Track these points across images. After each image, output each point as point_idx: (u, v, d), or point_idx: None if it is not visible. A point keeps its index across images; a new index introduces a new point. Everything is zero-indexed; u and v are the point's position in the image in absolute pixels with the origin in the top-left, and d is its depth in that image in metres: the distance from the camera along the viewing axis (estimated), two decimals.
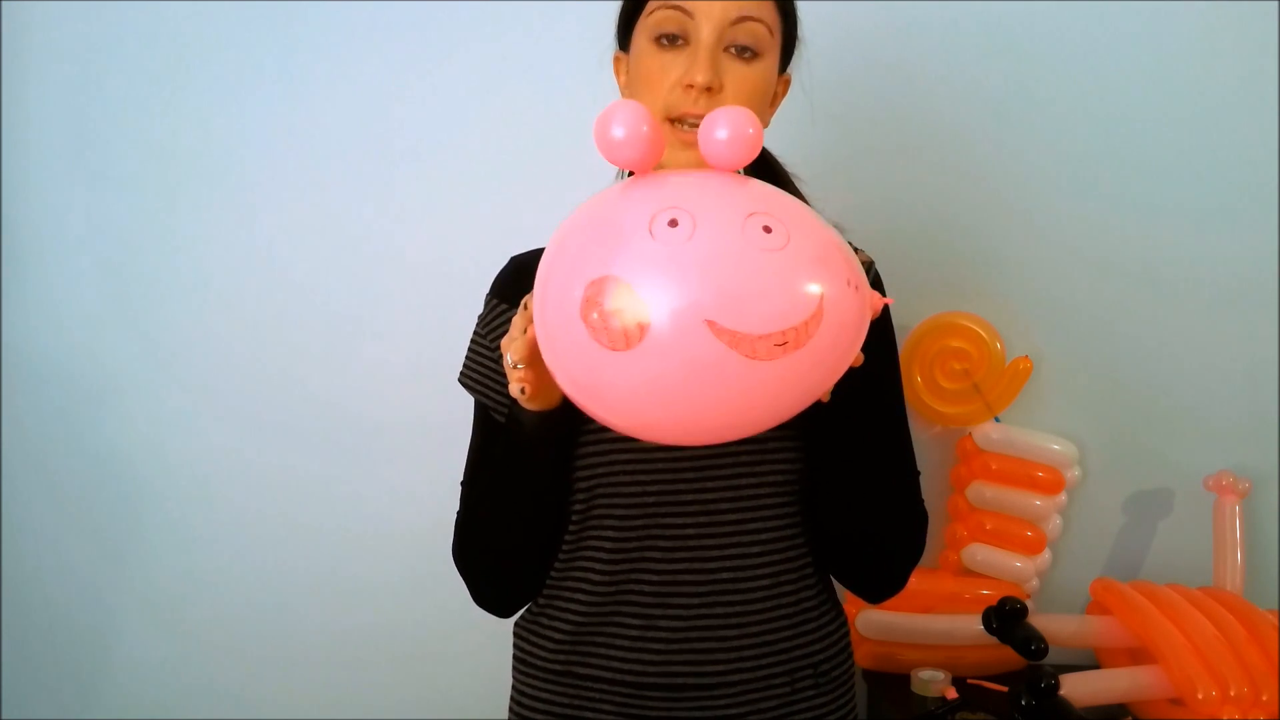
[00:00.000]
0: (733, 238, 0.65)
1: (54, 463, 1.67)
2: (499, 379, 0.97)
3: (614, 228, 0.68)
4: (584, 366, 0.68)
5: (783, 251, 0.66)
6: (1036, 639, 1.31)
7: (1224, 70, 1.56)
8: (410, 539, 1.68)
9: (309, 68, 1.57)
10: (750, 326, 0.64)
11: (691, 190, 0.69)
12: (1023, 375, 1.56)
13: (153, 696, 1.73)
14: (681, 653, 0.93)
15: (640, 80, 0.92)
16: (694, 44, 0.89)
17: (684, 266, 0.64)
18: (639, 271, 0.65)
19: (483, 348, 1.00)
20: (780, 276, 0.65)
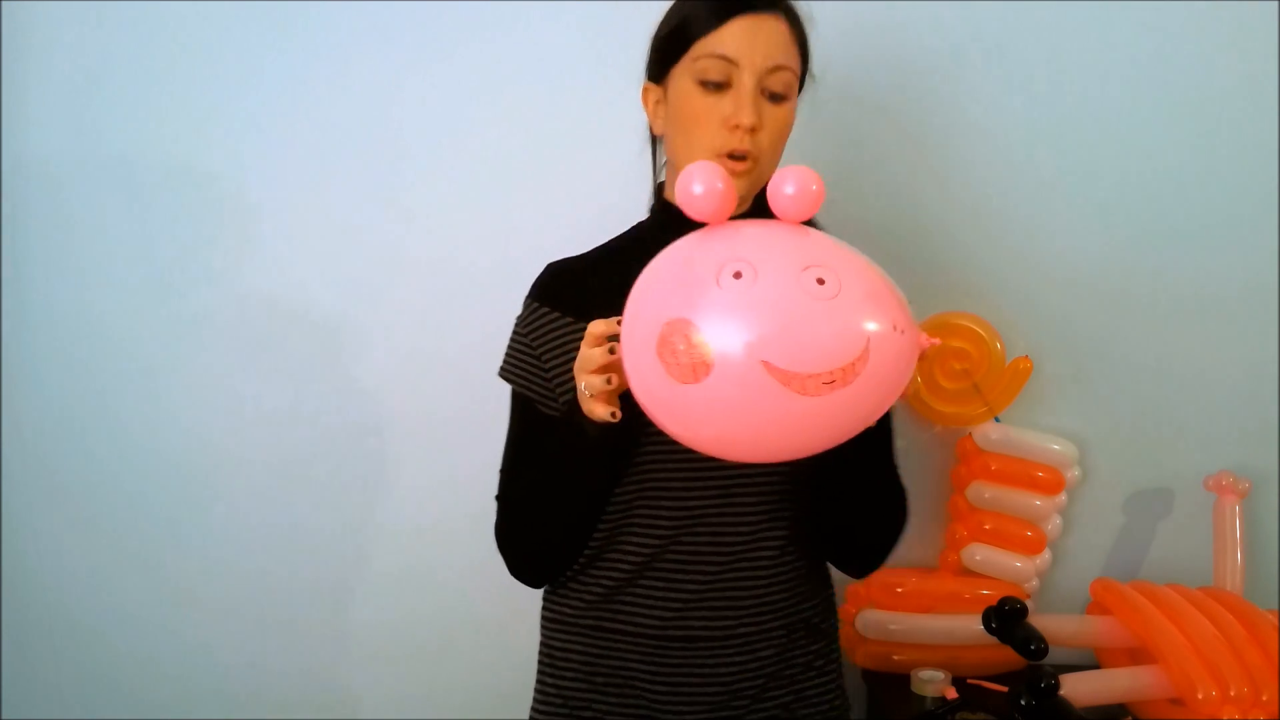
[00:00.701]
0: (788, 288, 0.76)
1: (54, 462, 1.68)
2: (542, 375, 1.10)
3: (688, 276, 0.79)
4: (661, 395, 0.80)
5: (834, 300, 0.76)
6: (1036, 639, 1.31)
7: (1224, 71, 1.56)
8: (413, 537, 1.69)
9: (310, 67, 1.57)
10: (801, 366, 0.75)
11: (756, 244, 0.80)
12: (1023, 375, 1.56)
13: (153, 697, 1.73)
14: (699, 610, 1.08)
15: (686, 118, 1.04)
16: (736, 89, 1.02)
17: (744, 313, 0.76)
18: (705, 317, 0.76)
19: (524, 346, 1.12)
20: (830, 322, 0.76)
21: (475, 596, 1.68)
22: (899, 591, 1.58)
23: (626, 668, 1.10)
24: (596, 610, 1.11)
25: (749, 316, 0.76)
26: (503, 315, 1.58)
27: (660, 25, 1.09)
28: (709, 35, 1.02)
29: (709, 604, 1.08)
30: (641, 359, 0.80)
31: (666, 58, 1.05)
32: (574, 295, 1.10)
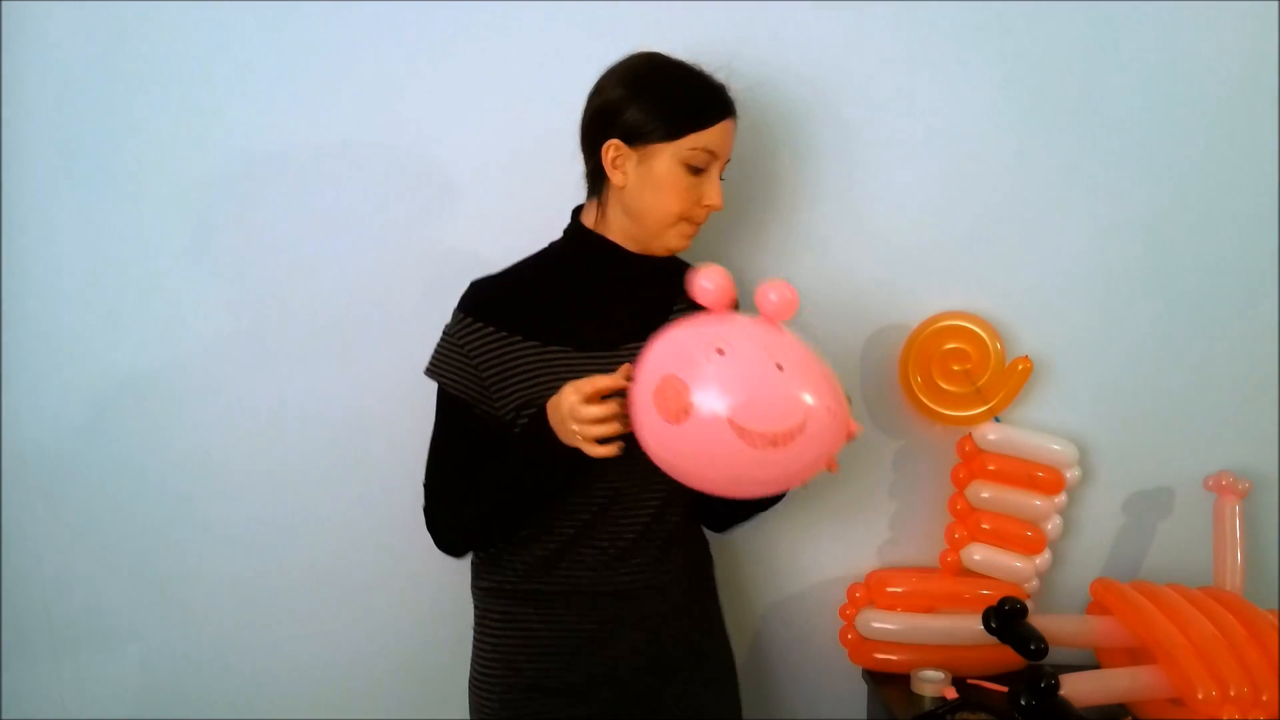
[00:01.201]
0: (754, 369, 1.04)
1: (54, 463, 1.67)
2: (478, 381, 1.30)
3: (687, 346, 1.08)
4: (654, 428, 1.08)
5: (784, 382, 1.04)
6: (1036, 639, 1.31)
7: (1224, 70, 1.56)
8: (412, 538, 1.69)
9: (310, 67, 1.56)
10: (753, 425, 1.02)
11: (740, 332, 1.08)
12: (1023, 375, 1.56)
13: (153, 697, 1.73)
14: (624, 566, 1.32)
15: (665, 190, 1.26)
16: (709, 175, 1.28)
17: (719, 379, 1.04)
18: (691, 377, 1.04)
19: (459, 355, 1.30)
20: (779, 397, 1.04)
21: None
22: (899, 591, 1.58)
23: (564, 624, 1.32)
24: (536, 577, 1.33)
25: (722, 382, 1.03)
26: None
27: (638, 96, 1.25)
28: (701, 132, 1.25)
29: (631, 561, 1.32)
30: (644, 400, 1.07)
31: (653, 135, 1.24)
32: (501, 310, 1.30)
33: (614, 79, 1.28)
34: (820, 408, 1.04)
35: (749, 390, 1.03)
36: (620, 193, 1.28)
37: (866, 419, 1.65)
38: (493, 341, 1.28)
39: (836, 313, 1.62)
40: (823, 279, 1.61)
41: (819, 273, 1.61)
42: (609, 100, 1.26)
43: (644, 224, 1.29)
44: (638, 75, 1.27)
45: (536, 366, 1.28)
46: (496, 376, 1.28)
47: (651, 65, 1.28)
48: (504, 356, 1.28)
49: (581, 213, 1.36)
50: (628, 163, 1.26)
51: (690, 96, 1.26)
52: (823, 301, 1.61)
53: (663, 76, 1.27)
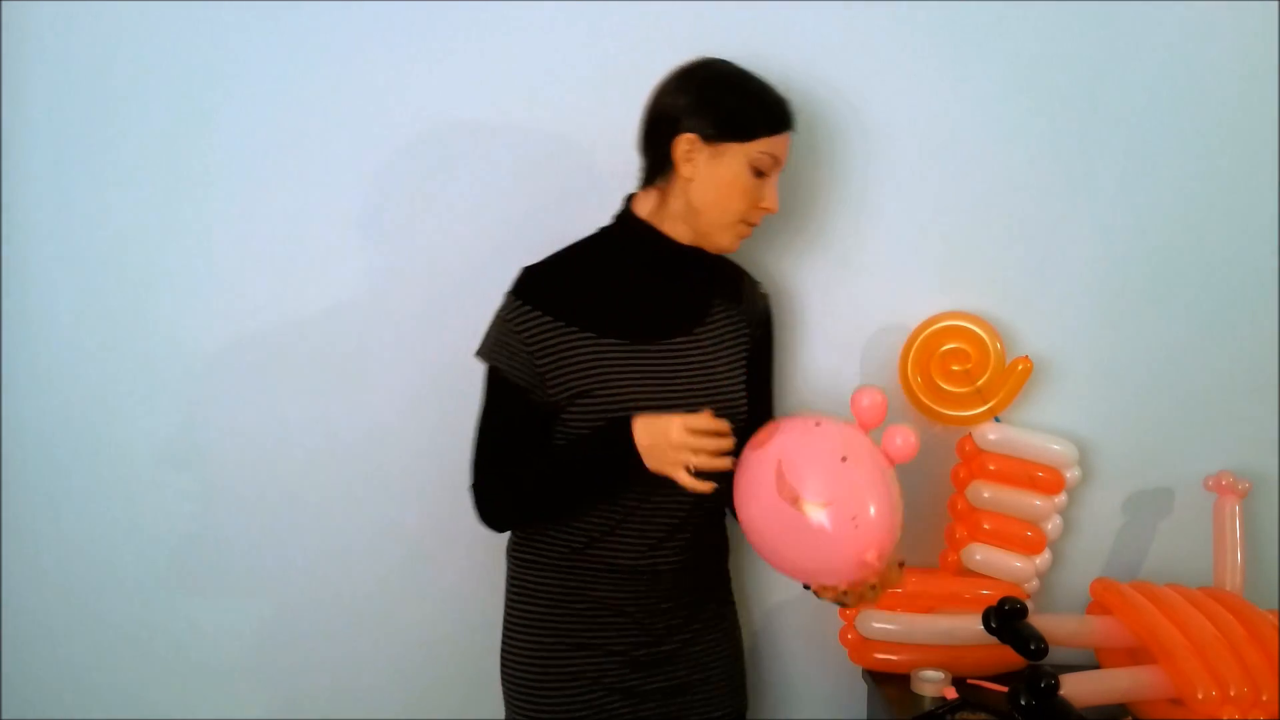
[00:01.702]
0: (868, 477, 1.19)
1: (54, 463, 1.68)
2: (532, 367, 1.33)
3: (821, 450, 1.22)
4: (762, 497, 1.21)
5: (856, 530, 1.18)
6: (1036, 639, 1.31)
7: (1224, 70, 1.56)
8: (413, 540, 1.69)
9: (311, 67, 1.56)
10: (833, 528, 1.18)
11: (861, 449, 1.21)
12: (1023, 375, 1.56)
13: (153, 696, 1.73)
14: (663, 550, 1.38)
15: (730, 188, 1.33)
16: (769, 180, 1.36)
17: (830, 485, 1.19)
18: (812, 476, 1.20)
19: (515, 340, 1.33)
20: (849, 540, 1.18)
21: (477, 600, 1.69)
22: (899, 591, 1.58)
23: (599, 594, 1.38)
24: (577, 555, 1.38)
25: (829, 488, 1.18)
26: None
27: (721, 97, 1.31)
28: (771, 138, 1.33)
29: (669, 544, 1.38)
30: (766, 471, 1.20)
31: (728, 135, 1.30)
32: (555, 298, 1.34)
33: (693, 78, 1.33)
34: (846, 510, 1.16)
35: (864, 498, 1.18)
36: (686, 186, 1.33)
37: None
38: (549, 330, 1.32)
39: (837, 313, 1.62)
40: (824, 279, 1.61)
41: (820, 272, 1.61)
42: (689, 97, 1.32)
43: (705, 219, 1.34)
44: (719, 77, 1.34)
45: (592, 357, 1.32)
46: (552, 365, 1.32)
47: (729, 70, 1.35)
48: (559, 346, 1.32)
49: (633, 201, 1.39)
50: (699, 157, 1.31)
51: (765, 103, 1.33)
52: (823, 301, 1.61)
53: (741, 81, 1.34)
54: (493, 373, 1.36)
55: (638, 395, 1.32)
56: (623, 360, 1.33)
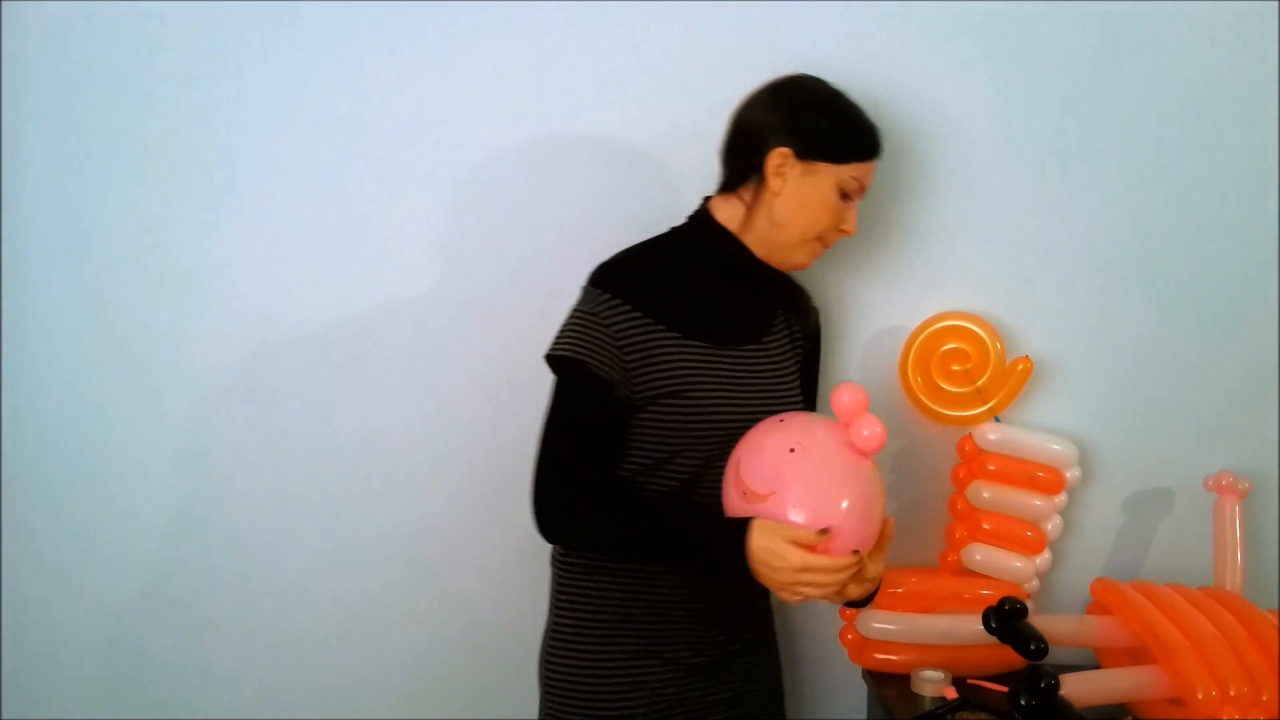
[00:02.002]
0: (815, 467, 1.19)
1: (54, 464, 1.67)
2: (622, 363, 1.28)
3: (769, 446, 1.22)
4: (730, 501, 1.24)
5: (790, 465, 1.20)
6: (1036, 639, 1.31)
7: (1224, 70, 1.56)
8: (409, 541, 1.69)
9: (311, 67, 1.56)
10: (746, 479, 1.21)
11: (814, 436, 1.22)
12: (1023, 375, 1.56)
13: (153, 696, 1.73)
14: None
15: (816, 206, 1.33)
16: (851, 204, 1.36)
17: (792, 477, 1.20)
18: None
19: (605, 335, 1.28)
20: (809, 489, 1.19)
21: (482, 602, 1.69)
22: (899, 591, 1.58)
23: (661, 598, 1.33)
24: (630, 566, 1.33)
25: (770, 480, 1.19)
26: (501, 316, 1.61)
27: (821, 116, 1.32)
28: (862, 163, 1.34)
29: None
30: (732, 466, 1.24)
31: (824, 155, 1.31)
32: (642, 294, 1.31)
33: (790, 94, 1.34)
34: (783, 501, 1.17)
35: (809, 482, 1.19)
36: (773, 199, 1.32)
37: None
38: (637, 325, 1.29)
39: (837, 312, 1.62)
40: (824, 279, 1.61)
41: (820, 272, 1.61)
42: (786, 112, 1.32)
43: (785, 235, 1.34)
44: (821, 96, 1.34)
45: (678, 357, 1.30)
46: (639, 362, 1.29)
47: (827, 90, 1.35)
48: (647, 343, 1.29)
49: (710, 204, 1.39)
50: (791, 173, 1.31)
51: (862, 129, 1.35)
52: (824, 301, 1.61)
53: (838, 103, 1.35)
54: (574, 369, 1.28)
55: (719, 401, 1.31)
56: (706, 363, 1.32)
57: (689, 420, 1.30)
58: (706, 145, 1.40)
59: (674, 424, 1.30)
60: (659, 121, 1.56)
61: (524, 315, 1.58)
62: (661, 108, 1.56)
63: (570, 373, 1.29)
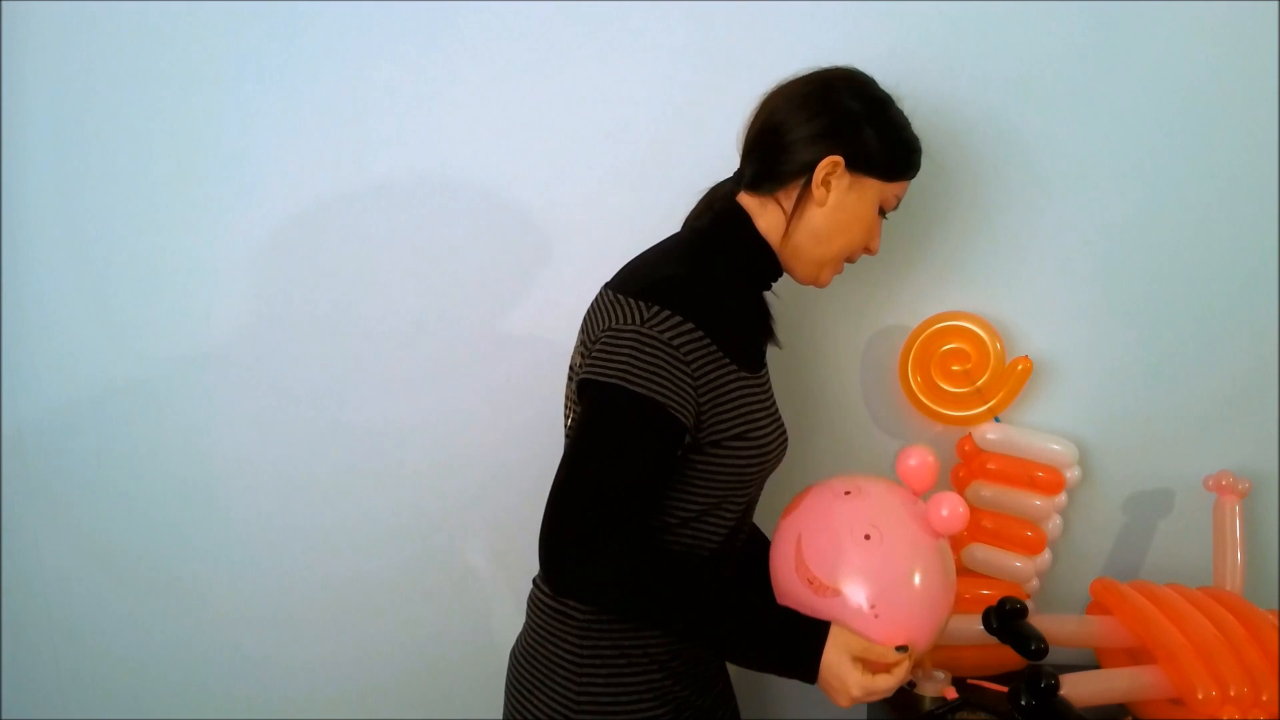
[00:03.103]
0: (896, 557, 1.09)
1: (54, 463, 1.68)
2: (695, 399, 1.10)
3: (840, 530, 1.11)
4: (784, 580, 1.14)
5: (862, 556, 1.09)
6: (1036, 639, 1.31)
7: (1224, 70, 1.56)
8: (414, 533, 1.69)
9: (313, 67, 1.56)
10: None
11: (889, 518, 1.11)
12: (1023, 375, 1.56)
13: (153, 697, 1.73)
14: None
15: (855, 222, 1.23)
16: (879, 222, 1.27)
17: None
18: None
19: (681, 367, 1.09)
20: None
21: (485, 596, 1.69)
22: None
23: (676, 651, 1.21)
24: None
25: (844, 573, 1.09)
26: (505, 313, 1.61)
27: (879, 126, 1.20)
28: (902, 181, 1.25)
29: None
30: (789, 545, 1.14)
31: (874, 169, 1.21)
32: (712, 322, 1.12)
33: (842, 96, 1.20)
34: (859, 598, 1.07)
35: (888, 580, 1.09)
36: (814, 210, 1.20)
37: (867, 419, 1.65)
38: (711, 358, 1.11)
39: (836, 313, 1.62)
40: None
41: None
42: (839, 117, 1.19)
43: (823, 250, 1.23)
44: (875, 103, 1.21)
45: (740, 393, 1.15)
46: (711, 402, 1.11)
47: (882, 97, 1.23)
48: (718, 378, 1.12)
49: (740, 201, 1.24)
50: (838, 184, 1.19)
51: (912, 145, 1.25)
52: (824, 301, 1.61)
53: (893, 112, 1.23)
54: (644, 406, 1.06)
55: (768, 440, 1.18)
56: (755, 397, 1.17)
57: (747, 464, 1.16)
58: (708, 147, 1.40)
59: (731, 469, 1.15)
60: (662, 121, 1.56)
61: (528, 309, 1.59)
62: (665, 109, 1.56)
63: (645, 415, 1.07)
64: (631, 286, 1.14)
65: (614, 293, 1.15)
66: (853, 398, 1.65)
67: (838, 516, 1.09)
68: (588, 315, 1.20)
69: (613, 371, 1.07)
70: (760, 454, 1.18)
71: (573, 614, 1.20)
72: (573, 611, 1.20)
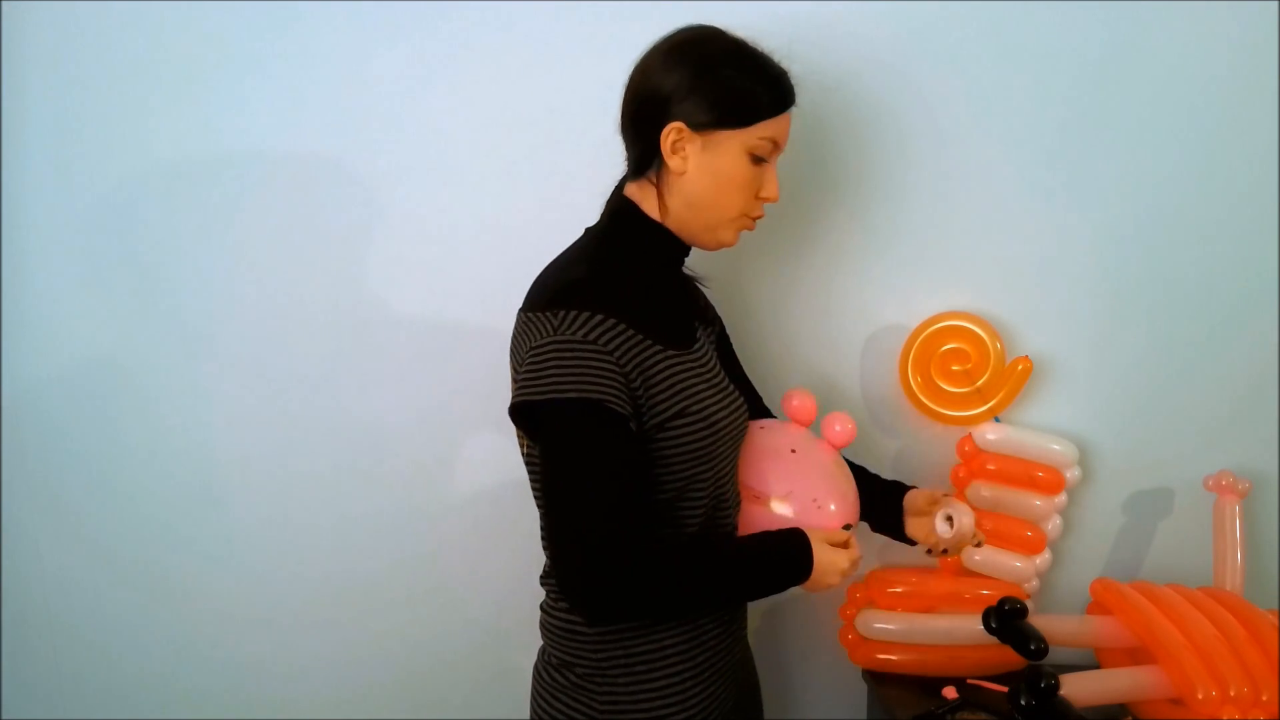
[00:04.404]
0: (818, 461, 1.31)
1: (53, 464, 1.68)
2: (629, 393, 1.11)
3: (768, 451, 1.30)
4: None
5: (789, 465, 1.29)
6: (1036, 639, 1.31)
7: (1224, 70, 1.56)
8: (411, 533, 1.69)
9: (310, 67, 1.56)
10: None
11: (802, 436, 1.34)
12: (1023, 375, 1.56)
13: (152, 697, 1.73)
14: None
15: (729, 180, 1.18)
16: (769, 166, 1.21)
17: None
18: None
19: (609, 363, 1.09)
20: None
21: (479, 595, 1.69)
22: (899, 591, 1.58)
23: (710, 635, 1.24)
24: None
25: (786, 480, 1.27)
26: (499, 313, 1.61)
27: (708, 77, 1.14)
28: (770, 121, 1.17)
29: None
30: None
31: (722, 122, 1.15)
32: (623, 307, 1.12)
33: (677, 55, 1.16)
34: (806, 494, 1.25)
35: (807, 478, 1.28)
36: (679, 180, 1.18)
37: (866, 419, 1.65)
38: (630, 343, 1.11)
39: (837, 312, 1.62)
40: (824, 278, 1.61)
41: (820, 272, 1.61)
42: (672, 79, 1.15)
43: (704, 215, 1.19)
44: (706, 54, 1.16)
45: (668, 371, 1.15)
46: (642, 385, 1.11)
47: (719, 45, 1.17)
48: (643, 361, 1.12)
49: (626, 192, 1.24)
50: (689, 148, 1.16)
51: (761, 81, 1.17)
52: (824, 301, 1.61)
53: (733, 58, 1.16)
54: (584, 409, 1.07)
55: (711, 409, 1.18)
56: (687, 371, 1.18)
57: (698, 441, 1.16)
58: None
59: (684, 449, 1.15)
60: None
61: None
62: None
63: (588, 417, 1.07)
64: (539, 301, 1.14)
65: (525, 313, 1.16)
66: (853, 398, 1.65)
67: (763, 443, 1.30)
68: (511, 345, 1.18)
69: (543, 387, 1.07)
70: (710, 429, 1.17)
71: (580, 629, 1.20)
72: (579, 628, 1.20)
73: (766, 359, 1.60)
